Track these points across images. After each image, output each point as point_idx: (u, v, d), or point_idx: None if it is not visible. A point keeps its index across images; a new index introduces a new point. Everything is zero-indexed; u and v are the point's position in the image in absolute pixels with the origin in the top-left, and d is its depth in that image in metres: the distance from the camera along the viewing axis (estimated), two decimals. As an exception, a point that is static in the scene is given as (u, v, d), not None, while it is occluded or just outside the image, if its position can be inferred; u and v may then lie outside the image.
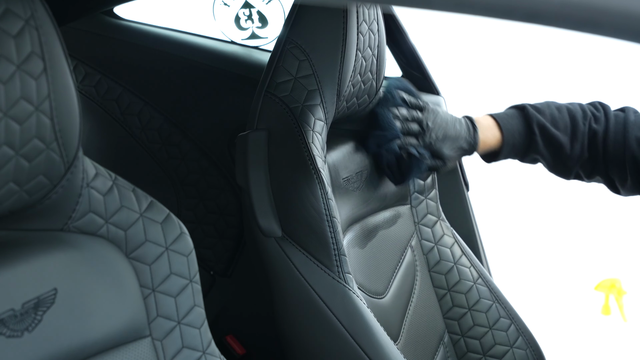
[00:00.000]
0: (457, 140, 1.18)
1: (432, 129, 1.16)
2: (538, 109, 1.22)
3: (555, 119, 1.21)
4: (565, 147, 1.20)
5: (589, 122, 1.21)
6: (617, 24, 0.46)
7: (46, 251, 0.70)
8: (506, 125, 1.21)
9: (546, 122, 1.20)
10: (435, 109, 1.20)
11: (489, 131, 1.21)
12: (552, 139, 1.20)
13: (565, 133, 1.21)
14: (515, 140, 1.21)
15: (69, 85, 0.65)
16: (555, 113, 1.22)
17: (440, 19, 2.52)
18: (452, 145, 1.18)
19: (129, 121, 1.59)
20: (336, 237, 1.01)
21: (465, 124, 1.20)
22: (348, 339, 1.02)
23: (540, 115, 1.21)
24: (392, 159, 1.16)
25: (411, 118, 1.17)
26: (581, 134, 1.21)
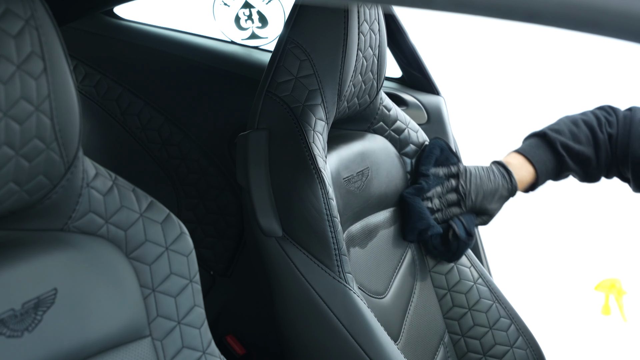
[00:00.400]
0: (497, 192, 1.22)
1: (470, 192, 1.20)
2: (557, 130, 1.26)
3: (576, 134, 1.26)
4: (592, 159, 1.25)
5: (605, 128, 1.26)
6: (617, 24, 0.46)
7: (46, 251, 0.70)
8: (535, 157, 1.25)
9: (569, 141, 1.25)
10: (468, 168, 1.23)
11: (522, 170, 1.25)
12: (579, 155, 1.25)
13: (588, 145, 1.25)
14: (547, 168, 1.26)
15: (69, 85, 0.65)
16: (574, 129, 1.26)
17: (440, 19, 2.52)
18: (493, 199, 1.22)
19: (129, 121, 1.59)
20: (337, 237, 1.01)
21: (498, 171, 1.24)
22: (348, 339, 1.01)
23: (561, 136, 1.25)
24: (438, 242, 1.22)
25: (448, 190, 1.21)
26: (603, 142, 1.25)
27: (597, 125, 1.27)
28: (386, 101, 1.28)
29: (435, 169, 1.24)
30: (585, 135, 1.26)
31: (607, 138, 1.26)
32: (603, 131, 1.26)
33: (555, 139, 1.25)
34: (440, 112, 1.58)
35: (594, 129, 1.26)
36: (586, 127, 1.27)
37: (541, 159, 1.26)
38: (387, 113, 1.28)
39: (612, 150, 1.26)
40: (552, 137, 1.26)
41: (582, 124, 1.27)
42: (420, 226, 1.19)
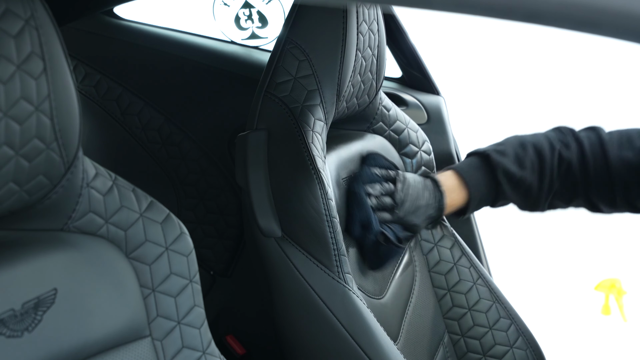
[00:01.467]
0: (427, 209, 1.15)
1: (404, 202, 1.13)
2: (502, 152, 1.18)
3: (520, 158, 1.17)
4: (534, 187, 1.17)
5: (559, 153, 1.18)
6: (617, 24, 0.46)
7: (46, 251, 0.70)
8: (471, 180, 1.18)
9: (511, 168, 1.16)
10: (406, 177, 1.15)
11: (454, 192, 1.17)
12: (519, 182, 1.17)
13: (532, 172, 1.17)
14: (482, 194, 1.18)
15: (69, 85, 0.65)
16: (520, 152, 1.18)
17: (440, 19, 2.53)
18: (423, 215, 1.15)
19: (129, 121, 1.59)
20: (336, 238, 1.01)
21: (431, 189, 1.16)
22: (348, 339, 1.01)
23: (504, 159, 1.17)
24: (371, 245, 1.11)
25: (385, 192, 1.13)
26: (549, 169, 1.17)
27: (548, 149, 1.18)
28: (385, 101, 1.28)
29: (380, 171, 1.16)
30: (531, 161, 1.17)
31: (557, 163, 1.17)
32: (555, 155, 1.17)
33: (497, 164, 1.17)
34: (440, 112, 1.58)
35: (543, 154, 1.17)
36: (534, 151, 1.18)
37: (478, 183, 1.18)
38: (387, 113, 1.28)
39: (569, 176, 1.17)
40: (494, 162, 1.17)
41: (530, 148, 1.18)
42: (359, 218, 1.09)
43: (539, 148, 1.18)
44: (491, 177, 1.18)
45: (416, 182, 1.16)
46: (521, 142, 1.19)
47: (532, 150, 1.18)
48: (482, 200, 1.19)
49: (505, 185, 1.17)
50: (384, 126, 1.27)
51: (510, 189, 1.18)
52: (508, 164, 1.17)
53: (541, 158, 1.17)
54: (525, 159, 1.17)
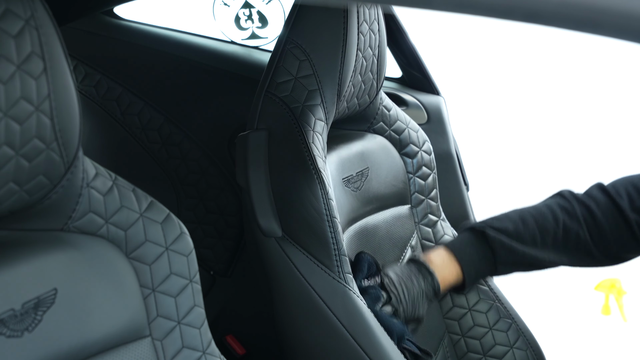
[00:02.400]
0: (423, 296, 1.11)
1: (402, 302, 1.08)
2: (499, 228, 1.14)
3: (520, 233, 1.13)
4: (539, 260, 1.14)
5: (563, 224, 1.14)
6: (617, 24, 0.46)
7: (46, 251, 0.70)
8: (463, 257, 1.13)
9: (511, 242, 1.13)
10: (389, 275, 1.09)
11: (446, 270, 1.13)
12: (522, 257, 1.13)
13: (534, 246, 1.13)
14: (476, 268, 1.14)
15: (69, 85, 0.65)
16: (520, 227, 1.14)
17: (440, 19, 2.53)
18: (422, 304, 1.11)
19: (129, 121, 1.59)
20: (336, 237, 1.01)
21: (419, 272, 1.11)
22: (348, 339, 1.01)
23: (502, 236, 1.13)
24: None
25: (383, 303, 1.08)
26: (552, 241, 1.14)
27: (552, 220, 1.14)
28: (386, 101, 1.28)
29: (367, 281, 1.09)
30: (532, 235, 1.13)
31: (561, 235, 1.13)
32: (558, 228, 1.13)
33: (494, 239, 1.13)
34: (440, 112, 1.57)
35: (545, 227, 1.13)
36: (536, 224, 1.14)
37: (471, 259, 1.13)
38: (387, 113, 1.28)
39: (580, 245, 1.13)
40: (491, 237, 1.13)
41: (530, 221, 1.14)
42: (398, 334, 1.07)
43: (541, 222, 1.14)
44: (488, 251, 1.13)
45: (403, 275, 1.10)
46: (521, 216, 1.16)
47: (533, 223, 1.14)
48: (478, 274, 1.16)
49: (504, 258, 1.13)
50: (384, 126, 1.27)
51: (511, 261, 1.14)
52: (507, 239, 1.13)
53: (543, 231, 1.14)
54: (525, 234, 1.14)
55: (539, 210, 1.16)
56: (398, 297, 1.08)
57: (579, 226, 1.14)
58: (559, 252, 1.14)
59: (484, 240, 1.14)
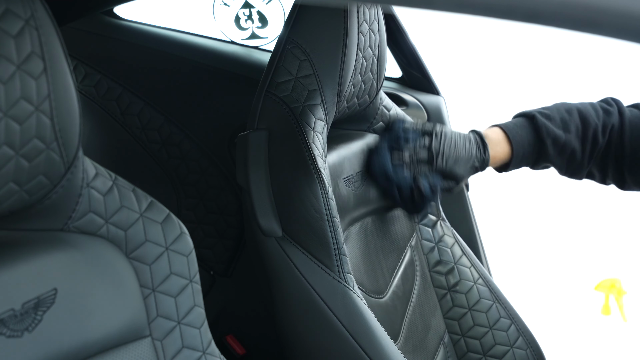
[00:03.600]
0: (469, 160, 1.17)
1: (442, 153, 1.15)
2: (547, 115, 1.21)
3: (566, 122, 1.20)
4: (577, 152, 1.20)
5: (603, 118, 1.20)
6: (617, 24, 0.46)
7: (46, 251, 0.70)
8: (515, 137, 1.20)
9: (557, 130, 1.19)
10: (444, 130, 1.18)
11: (498, 146, 1.20)
12: (564, 146, 1.20)
13: (577, 136, 1.20)
14: (525, 151, 1.20)
15: (69, 85, 0.65)
16: (566, 116, 1.21)
17: (440, 19, 2.53)
18: (465, 166, 1.17)
19: (129, 121, 1.59)
20: (336, 237, 1.01)
21: (474, 140, 1.19)
22: (348, 339, 1.01)
23: (550, 123, 1.20)
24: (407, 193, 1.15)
25: (421, 146, 1.15)
26: (592, 134, 1.20)
27: (593, 115, 1.20)
28: (386, 101, 1.28)
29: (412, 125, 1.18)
30: (576, 125, 1.20)
31: (600, 127, 1.20)
32: (599, 120, 1.20)
33: (543, 125, 1.19)
34: (440, 112, 1.58)
35: (587, 119, 1.20)
36: (579, 116, 1.20)
37: (522, 140, 1.20)
38: (387, 113, 1.28)
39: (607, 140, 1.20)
40: (540, 123, 1.19)
41: (575, 113, 1.21)
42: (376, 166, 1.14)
43: (584, 115, 1.21)
44: (536, 137, 1.20)
45: (455, 135, 1.18)
46: (567, 107, 1.22)
47: (577, 115, 1.21)
48: (524, 158, 1.21)
49: (549, 146, 1.19)
50: (384, 126, 1.27)
51: (554, 150, 1.20)
52: (553, 126, 1.19)
53: (585, 123, 1.20)
54: (570, 124, 1.20)
55: (584, 105, 1.23)
56: (440, 149, 1.14)
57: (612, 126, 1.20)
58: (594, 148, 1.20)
59: (533, 125, 1.20)
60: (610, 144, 1.20)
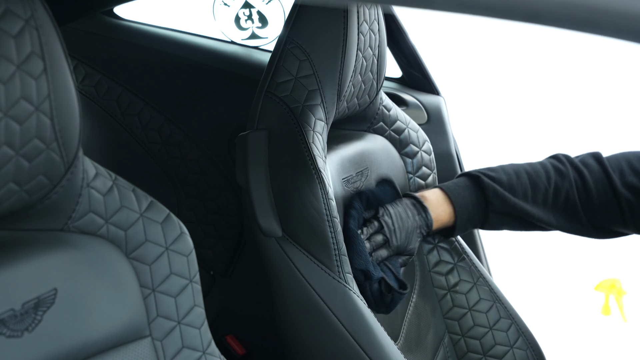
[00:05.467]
0: (416, 228, 1.14)
1: (394, 231, 1.11)
2: (492, 177, 1.16)
3: (513, 185, 1.16)
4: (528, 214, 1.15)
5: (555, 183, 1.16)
6: (617, 24, 0.46)
7: (46, 251, 0.70)
8: (457, 198, 1.15)
9: (504, 192, 1.14)
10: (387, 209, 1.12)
11: (439, 208, 1.15)
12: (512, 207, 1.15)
13: (525, 199, 1.15)
14: (469, 212, 1.16)
15: (69, 85, 0.65)
16: (513, 179, 1.16)
17: (440, 19, 2.53)
18: (414, 236, 1.14)
19: (129, 121, 1.59)
20: (336, 237, 1.01)
21: (413, 206, 1.14)
22: (348, 339, 1.01)
23: (495, 183, 1.15)
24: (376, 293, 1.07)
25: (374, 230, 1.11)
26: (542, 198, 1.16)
27: (544, 179, 1.16)
28: (386, 101, 1.28)
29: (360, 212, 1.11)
30: (524, 189, 1.15)
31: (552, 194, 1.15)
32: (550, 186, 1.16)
33: (488, 186, 1.14)
34: (440, 112, 1.58)
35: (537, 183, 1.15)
36: (528, 179, 1.16)
37: (464, 201, 1.15)
38: (387, 113, 1.28)
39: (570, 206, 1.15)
40: (485, 183, 1.15)
41: (524, 176, 1.16)
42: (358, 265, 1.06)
43: (534, 178, 1.16)
44: (480, 197, 1.16)
45: (396, 207, 1.14)
46: (515, 169, 1.18)
47: (526, 178, 1.16)
48: (469, 219, 1.17)
49: (497, 206, 1.15)
50: (384, 126, 1.27)
51: (502, 211, 1.16)
52: (499, 188, 1.15)
53: (535, 187, 1.16)
54: (517, 187, 1.16)
55: (533, 167, 1.19)
56: (392, 227, 1.11)
57: (570, 187, 1.16)
58: (548, 211, 1.17)
59: (478, 185, 1.16)
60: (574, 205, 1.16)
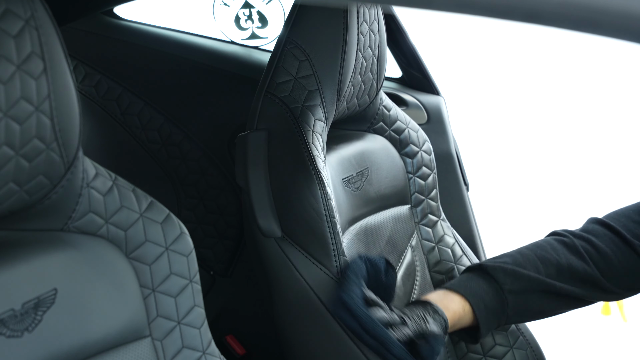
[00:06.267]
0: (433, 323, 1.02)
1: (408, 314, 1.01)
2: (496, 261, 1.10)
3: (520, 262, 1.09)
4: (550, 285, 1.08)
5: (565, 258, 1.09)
6: (617, 24, 0.46)
7: (46, 251, 0.70)
8: (467, 290, 1.06)
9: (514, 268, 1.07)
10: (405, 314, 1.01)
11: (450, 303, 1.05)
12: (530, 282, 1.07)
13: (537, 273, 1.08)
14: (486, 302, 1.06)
15: (69, 85, 0.65)
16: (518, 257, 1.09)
17: (440, 19, 2.53)
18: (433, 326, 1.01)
19: (129, 121, 1.59)
20: (336, 238, 1.01)
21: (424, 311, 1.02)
22: (346, 339, 1.01)
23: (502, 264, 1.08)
24: None
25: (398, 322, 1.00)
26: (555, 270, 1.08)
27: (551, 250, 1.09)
28: (386, 101, 1.28)
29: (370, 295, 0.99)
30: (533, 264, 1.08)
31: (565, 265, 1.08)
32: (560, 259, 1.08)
33: (494, 267, 1.07)
34: (440, 112, 1.57)
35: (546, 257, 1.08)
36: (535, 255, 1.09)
37: (475, 291, 1.05)
38: (387, 113, 1.28)
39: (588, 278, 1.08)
40: (490, 266, 1.07)
41: (529, 253, 1.09)
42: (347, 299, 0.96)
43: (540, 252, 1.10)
44: (492, 282, 1.07)
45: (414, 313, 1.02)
46: (517, 250, 1.12)
47: (532, 254, 1.10)
48: (489, 309, 1.06)
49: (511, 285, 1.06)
50: (384, 126, 1.27)
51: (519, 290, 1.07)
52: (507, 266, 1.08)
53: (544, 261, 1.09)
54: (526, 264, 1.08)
55: (536, 244, 1.13)
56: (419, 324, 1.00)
57: (583, 260, 1.09)
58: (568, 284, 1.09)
59: (484, 272, 1.09)
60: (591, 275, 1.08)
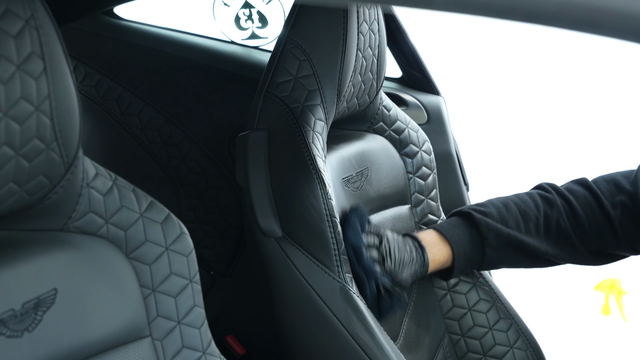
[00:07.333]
0: (412, 264, 1.11)
1: (390, 254, 1.09)
2: (483, 212, 1.16)
3: (504, 217, 1.15)
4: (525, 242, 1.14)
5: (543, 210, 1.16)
6: (617, 24, 0.46)
7: (46, 251, 0.70)
8: (453, 236, 1.14)
9: (497, 225, 1.14)
10: (387, 233, 1.11)
11: (435, 248, 1.14)
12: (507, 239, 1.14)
13: (518, 230, 1.14)
14: (466, 251, 1.15)
15: (69, 85, 0.65)
16: (503, 211, 1.16)
17: (440, 19, 2.53)
18: (408, 270, 1.10)
19: (129, 121, 1.59)
20: (336, 238, 1.01)
21: (412, 244, 1.12)
22: (348, 339, 1.02)
23: (487, 218, 1.15)
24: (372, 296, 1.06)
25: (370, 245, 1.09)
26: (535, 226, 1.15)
27: (533, 208, 1.15)
28: (386, 101, 1.28)
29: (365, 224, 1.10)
30: (515, 219, 1.14)
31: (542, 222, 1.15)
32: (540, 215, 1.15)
33: (480, 220, 1.13)
34: (440, 112, 1.58)
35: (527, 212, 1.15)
36: (517, 210, 1.15)
37: (460, 239, 1.14)
38: (387, 113, 1.28)
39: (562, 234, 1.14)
40: (477, 218, 1.14)
41: (513, 207, 1.16)
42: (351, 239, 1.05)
43: (523, 208, 1.16)
44: (475, 234, 1.15)
45: (395, 237, 1.12)
46: (503, 202, 1.18)
47: (516, 209, 1.16)
48: (468, 258, 1.16)
49: (492, 240, 1.14)
50: (384, 126, 1.27)
51: (497, 244, 1.15)
52: (491, 221, 1.14)
53: (525, 217, 1.15)
54: (509, 219, 1.15)
55: (520, 198, 1.19)
56: (388, 249, 1.09)
57: (559, 215, 1.16)
58: (542, 240, 1.16)
59: (470, 222, 1.15)
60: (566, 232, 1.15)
